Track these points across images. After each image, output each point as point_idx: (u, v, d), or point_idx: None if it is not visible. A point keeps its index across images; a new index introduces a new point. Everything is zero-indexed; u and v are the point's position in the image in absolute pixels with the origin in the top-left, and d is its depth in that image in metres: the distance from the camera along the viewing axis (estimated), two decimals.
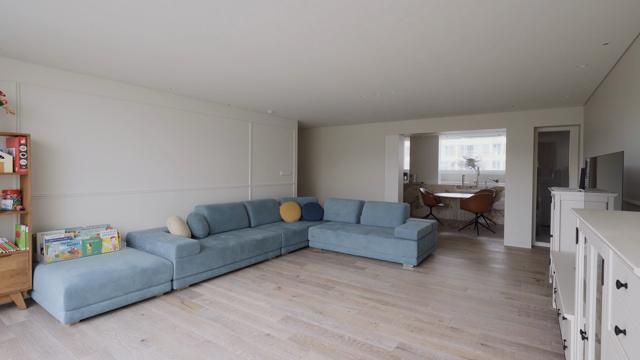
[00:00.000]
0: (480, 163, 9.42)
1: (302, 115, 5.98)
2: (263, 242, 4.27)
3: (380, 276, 3.81)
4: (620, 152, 2.05)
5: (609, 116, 3.19)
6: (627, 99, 2.62)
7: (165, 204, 4.21)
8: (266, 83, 3.71)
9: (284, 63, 3.00)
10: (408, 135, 7.09)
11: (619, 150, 2.79)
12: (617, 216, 1.36)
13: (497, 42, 2.45)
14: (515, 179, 5.40)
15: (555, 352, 2.26)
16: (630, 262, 0.70)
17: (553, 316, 2.80)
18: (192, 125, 4.53)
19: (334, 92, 4.10)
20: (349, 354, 2.21)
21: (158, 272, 3.09)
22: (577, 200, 3.02)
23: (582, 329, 1.49)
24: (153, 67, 3.16)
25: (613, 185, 2.18)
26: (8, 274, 2.71)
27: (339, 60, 2.91)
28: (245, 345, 2.32)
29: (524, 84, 3.64)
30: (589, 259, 1.33)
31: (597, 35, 2.34)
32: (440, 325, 2.63)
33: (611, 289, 0.95)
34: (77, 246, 3.10)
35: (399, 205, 4.98)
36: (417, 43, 2.49)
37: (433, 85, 3.75)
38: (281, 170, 6.17)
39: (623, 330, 0.82)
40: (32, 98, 3.08)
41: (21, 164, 2.80)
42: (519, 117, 5.36)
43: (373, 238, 4.40)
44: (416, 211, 8.63)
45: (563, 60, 2.87)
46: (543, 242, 5.54)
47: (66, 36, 2.42)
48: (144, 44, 2.55)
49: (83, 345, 2.29)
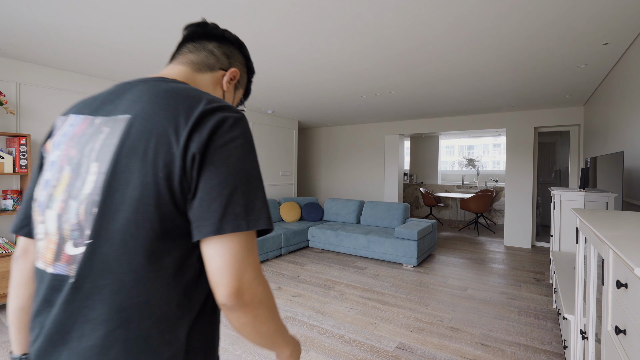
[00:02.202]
0: (480, 163, 9.42)
1: (302, 115, 5.98)
2: (263, 242, 4.27)
3: (380, 276, 3.81)
4: (620, 152, 2.05)
5: (609, 116, 3.19)
6: (627, 99, 2.62)
7: None
8: (266, 83, 3.71)
9: (284, 63, 3.00)
10: (408, 135, 7.09)
11: (619, 150, 2.79)
12: (617, 216, 1.36)
13: (497, 42, 2.45)
14: (515, 179, 5.40)
15: (556, 352, 2.26)
16: (630, 262, 0.70)
17: (553, 316, 2.80)
18: None
19: (334, 92, 4.10)
20: (349, 354, 2.21)
21: None
22: (577, 200, 3.02)
23: (582, 329, 1.49)
24: (153, 67, 3.16)
25: (613, 185, 2.18)
26: (8, 274, 2.71)
27: (339, 60, 2.91)
28: (246, 345, 2.32)
29: (524, 84, 3.64)
30: (589, 259, 1.33)
31: (597, 35, 2.34)
32: (440, 325, 2.63)
33: (611, 289, 0.95)
34: None
35: (399, 205, 4.98)
36: (417, 43, 2.49)
37: (433, 85, 3.75)
38: (281, 170, 6.17)
39: (623, 330, 0.82)
40: (32, 98, 3.08)
41: (21, 164, 2.80)
42: (519, 117, 5.36)
43: (373, 238, 4.40)
44: (416, 211, 8.63)
45: (563, 60, 2.87)
46: (543, 242, 5.54)
47: (66, 36, 2.42)
48: (144, 44, 2.55)
49: None
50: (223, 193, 0.49)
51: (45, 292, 0.51)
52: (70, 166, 0.53)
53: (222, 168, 0.50)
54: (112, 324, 0.47)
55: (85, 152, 0.53)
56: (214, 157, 0.50)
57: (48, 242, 0.53)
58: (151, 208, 0.48)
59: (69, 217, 0.51)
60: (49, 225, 0.53)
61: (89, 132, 0.54)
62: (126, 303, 0.48)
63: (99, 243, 0.49)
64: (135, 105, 0.53)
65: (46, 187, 0.54)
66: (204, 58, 0.68)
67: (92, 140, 0.53)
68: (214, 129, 0.51)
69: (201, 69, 0.68)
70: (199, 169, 0.50)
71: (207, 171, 0.50)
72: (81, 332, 0.48)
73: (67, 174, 0.53)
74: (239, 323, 0.52)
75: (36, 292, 0.54)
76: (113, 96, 0.57)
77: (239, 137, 0.53)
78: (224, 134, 0.52)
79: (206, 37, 0.70)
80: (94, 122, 0.55)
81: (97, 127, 0.54)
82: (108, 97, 0.58)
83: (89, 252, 0.49)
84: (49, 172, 0.55)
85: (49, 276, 0.51)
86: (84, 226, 0.49)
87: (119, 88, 0.59)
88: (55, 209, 0.52)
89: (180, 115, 0.51)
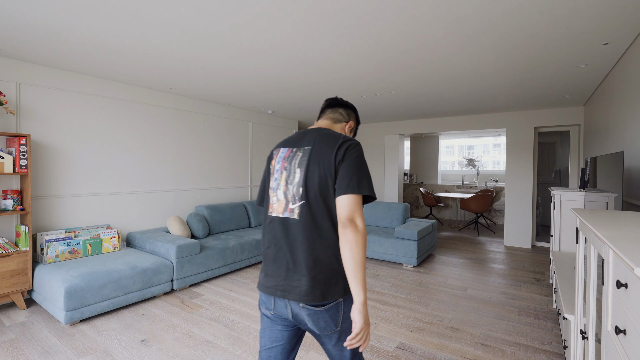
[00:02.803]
0: (480, 163, 9.42)
1: (302, 115, 5.98)
2: None
3: (380, 276, 3.81)
4: (620, 152, 2.05)
5: (609, 116, 3.19)
6: (627, 99, 2.62)
7: (165, 204, 4.21)
8: (266, 83, 3.71)
9: (284, 63, 3.00)
10: (408, 135, 7.09)
11: (619, 150, 2.79)
12: (617, 216, 1.36)
13: (497, 41, 2.46)
14: (515, 179, 5.40)
15: (556, 352, 2.26)
16: (630, 262, 0.70)
17: (553, 316, 2.80)
18: (192, 125, 4.53)
19: (334, 92, 4.10)
20: None
21: (158, 272, 3.09)
22: (577, 200, 3.02)
23: (582, 329, 1.49)
24: (153, 67, 3.16)
25: (613, 185, 2.18)
26: (8, 274, 2.71)
27: (339, 60, 2.91)
28: (246, 345, 2.32)
29: (524, 84, 3.64)
30: (589, 259, 1.33)
31: (597, 35, 2.34)
32: (440, 325, 2.63)
33: (611, 289, 0.95)
34: (77, 246, 3.10)
35: (399, 205, 4.98)
36: (417, 43, 2.49)
37: (433, 85, 3.76)
38: None
39: (623, 330, 0.82)
40: (32, 98, 3.08)
41: (21, 164, 2.80)
42: (519, 117, 5.36)
43: (373, 238, 4.40)
44: (416, 211, 8.63)
45: (563, 60, 2.87)
46: (543, 242, 5.54)
47: (66, 37, 2.42)
48: (144, 44, 2.55)
49: (83, 346, 2.29)
50: (347, 176, 1.05)
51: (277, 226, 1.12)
52: (286, 171, 1.14)
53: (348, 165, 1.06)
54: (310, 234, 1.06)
55: (292, 164, 1.13)
56: (345, 160, 1.07)
57: (279, 204, 1.12)
58: (324, 185, 1.06)
59: (288, 192, 1.11)
60: (279, 197, 1.13)
61: (291, 155, 1.15)
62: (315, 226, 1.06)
63: (305, 202, 1.07)
64: (311, 141, 1.14)
65: (275, 181, 1.16)
66: (337, 116, 1.32)
67: (294, 158, 1.14)
68: (346, 148, 1.09)
69: (335, 122, 1.31)
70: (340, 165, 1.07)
71: (342, 166, 1.07)
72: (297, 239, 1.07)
73: (285, 174, 1.13)
74: (346, 239, 1.01)
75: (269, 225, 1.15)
76: (299, 137, 1.18)
77: (356, 152, 1.10)
78: (349, 150, 1.09)
79: (337, 105, 1.33)
80: (292, 150, 1.16)
81: (295, 152, 1.15)
82: (297, 138, 1.19)
83: (301, 206, 1.08)
84: (275, 174, 1.16)
85: (279, 219, 1.11)
86: (296, 196, 1.09)
87: (300, 133, 1.20)
88: (282, 189, 1.13)
89: (333, 144, 1.10)
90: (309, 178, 1.08)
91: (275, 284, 1.10)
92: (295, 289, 1.06)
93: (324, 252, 1.06)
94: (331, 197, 1.07)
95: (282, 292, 1.08)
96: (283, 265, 1.09)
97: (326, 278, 1.06)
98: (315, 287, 1.04)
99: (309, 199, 1.07)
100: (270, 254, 1.13)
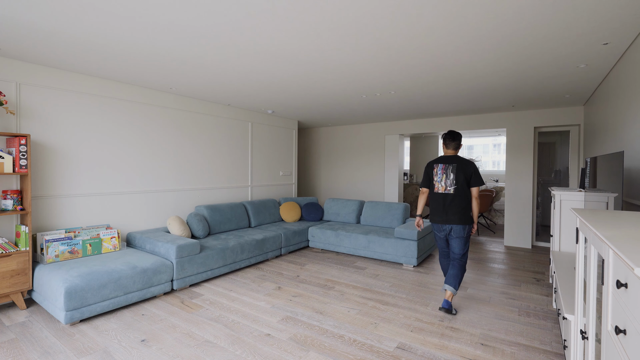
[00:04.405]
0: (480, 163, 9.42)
1: (302, 115, 5.98)
2: (263, 242, 4.27)
3: (380, 276, 3.81)
4: (620, 152, 2.05)
5: (609, 116, 3.19)
6: (627, 99, 2.62)
7: (165, 204, 4.21)
8: (266, 83, 3.71)
9: (284, 63, 3.00)
10: (408, 135, 7.09)
11: (619, 150, 2.79)
12: (617, 216, 1.36)
13: (497, 42, 2.46)
14: (515, 178, 5.40)
15: (556, 352, 2.26)
16: (630, 262, 0.70)
17: (553, 316, 2.80)
18: (192, 125, 4.53)
19: (334, 92, 4.10)
20: (349, 354, 2.21)
21: (158, 272, 3.09)
22: (577, 200, 3.02)
23: (582, 329, 1.49)
24: (153, 67, 3.16)
25: (613, 185, 2.18)
26: (8, 274, 2.71)
27: (339, 60, 2.91)
28: (246, 345, 2.32)
29: (524, 84, 3.65)
30: (589, 259, 1.33)
31: (597, 35, 2.34)
32: (440, 325, 2.63)
33: (611, 289, 0.95)
34: (77, 246, 3.10)
35: (399, 205, 4.98)
36: (417, 43, 2.50)
37: (433, 85, 3.76)
38: (281, 170, 6.17)
39: (623, 330, 0.82)
40: (32, 98, 3.08)
41: (21, 164, 2.80)
42: (519, 117, 5.36)
43: (373, 238, 4.40)
44: (416, 211, 8.62)
45: (563, 60, 2.87)
46: (543, 242, 5.54)
47: (66, 37, 2.42)
48: (144, 44, 2.56)
49: (83, 346, 2.29)
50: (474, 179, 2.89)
51: (442, 198, 2.95)
52: (444, 174, 2.94)
53: (474, 174, 2.90)
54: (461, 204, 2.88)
55: (447, 172, 2.93)
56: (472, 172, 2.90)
57: (441, 188, 2.95)
58: (465, 182, 2.89)
59: (447, 184, 2.93)
60: (441, 186, 2.95)
61: (447, 167, 2.95)
62: (464, 202, 2.89)
63: (456, 189, 2.89)
64: (456, 161, 2.94)
65: (438, 179, 2.97)
66: (456, 146, 3.02)
67: (447, 170, 2.94)
68: (472, 167, 2.91)
69: (456, 149, 3.02)
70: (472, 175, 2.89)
71: (472, 175, 2.89)
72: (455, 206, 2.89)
73: (444, 177, 2.94)
74: (477, 203, 2.91)
75: (435, 198, 3.00)
76: (449, 160, 2.96)
77: (475, 166, 2.94)
78: (473, 166, 2.92)
79: (455, 138, 3.01)
80: (446, 165, 2.95)
81: (447, 167, 2.95)
82: (447, 160, 2.97)
83: (455, 189, 2.89)
84: (437, 176, 2.98)
85: (442, 195, 2.95)
86: (451, 185, 2.91)
87: (448, 157, 2.98)
88: (442, 182, 2.95)
89: (468, 165, 2.91)
90: (457, 177, 2.87)
91: (441, 219, 2.93)
92: (452, 220, 2.87)
93: (465, 207, 2.87)
94: (467, 187, 2.88)
95: (445, 222, 2.91)
96: (442, 212, 2.92)
97: (465, 217, 2.87)
98: (460, 219, 2.86)
99: (458, 187, 2.86)
100: (437, 207, 2.97)
